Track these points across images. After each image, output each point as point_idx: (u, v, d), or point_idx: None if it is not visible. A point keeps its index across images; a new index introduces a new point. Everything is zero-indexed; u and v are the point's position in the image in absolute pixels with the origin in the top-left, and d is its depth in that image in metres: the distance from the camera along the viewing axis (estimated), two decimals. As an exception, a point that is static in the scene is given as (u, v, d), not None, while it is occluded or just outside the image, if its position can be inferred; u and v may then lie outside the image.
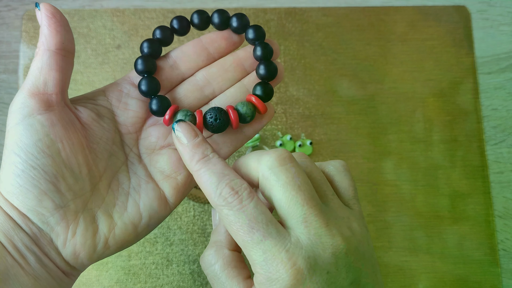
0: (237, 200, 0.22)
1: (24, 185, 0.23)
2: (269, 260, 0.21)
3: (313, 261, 0.21)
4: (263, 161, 0.23)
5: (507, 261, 0.44)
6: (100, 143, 0.26)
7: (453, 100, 0.48)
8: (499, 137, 0.47)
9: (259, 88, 0.27)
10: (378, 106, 0.47)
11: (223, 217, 0.22)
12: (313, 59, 0.48)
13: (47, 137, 0.23)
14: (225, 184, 0.22)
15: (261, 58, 0.27)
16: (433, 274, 0.44)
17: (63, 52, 0.24)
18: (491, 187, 0.46)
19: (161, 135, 0.27)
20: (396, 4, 0.50)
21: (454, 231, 0.45)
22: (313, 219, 0.22)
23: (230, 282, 0.23)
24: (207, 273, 0.24)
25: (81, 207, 0.24)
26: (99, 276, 0.43)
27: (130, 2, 0.49)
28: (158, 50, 0.28)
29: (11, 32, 0.48)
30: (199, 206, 0.44)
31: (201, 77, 0.28)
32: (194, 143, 0.24)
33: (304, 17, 0.49)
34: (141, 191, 0.26)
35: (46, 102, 0.24)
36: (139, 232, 0.26)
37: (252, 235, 0.21)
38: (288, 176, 0.22)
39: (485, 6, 0.50)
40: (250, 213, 0.21)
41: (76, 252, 0.24)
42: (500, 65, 0.49)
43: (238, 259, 0.24)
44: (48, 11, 0.24)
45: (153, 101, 0.26)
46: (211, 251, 0.24)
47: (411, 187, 0.46)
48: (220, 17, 0.28)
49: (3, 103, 0.46)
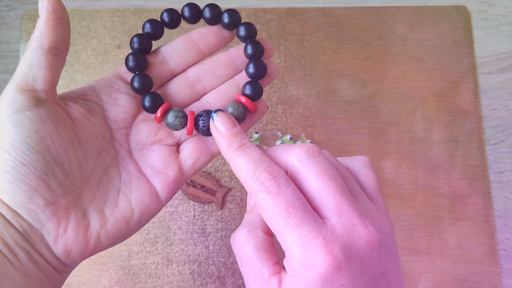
0: (275, 185, 0.22)
1: (14, 182, 0.22)
2: (305, 246, 0.21)
3: (349, 250, 0.21)
4: (293, 153, 0.23)
5: (507, 261, 0.44)
6: (90, 138, 0.26)
7: (453, 100, 0.48)
8: (499, 137, 0.47)
9: (248, 87, 0.27)
10: (378, 106, 0.47)
11: (260, 202, 0.22)
12: (313, 59, 0.48)
13: (37, 134, 0.23)
14: (263, 169, 0.22)
15: (251, 56, 0.27)
16: (433, 274, 0.44)
17: (56, 51, 0.24)
18: (491, 187, 0.46)
19: (152, 131, 0.27)
20: (396, 4, 0.50)
21: (454, 231, 0.45)
22: (346, 208, 0.22)
23: (260, 264, 0.23)
24: (237, 252, 0.24)
25: (72, 203, 0.24)
26: (99, 276, 0.43)
27: (130, 2, 0.49)
28: (148, 45, 0.27)
29: (11, 32, 0.48)
30: (199, 206, 0.44)
31: (192, 74, 0.28)
32: (232, 132, 0.24)
33: (304, 17, 0.49)
34: (132, 186, 0.26)
35: (35, 98, 0.23)
36: (131, 227, 0.26)
37: (289, 220, 0.21)
38: (319, 168, 0.22)
39: (485, 6, 0.50)
40: (288, 198, 0.21)
41: (68, 248, 0.24)
42: (500, 65, 0.49)
43: (270, 243, 0.24)
44: (50, 5, 0.23)
45: (146, 98, 0.26)
46: (244, 231, 0.24)
47: (411, 187, 0.46)
48: (211, 12, 0.27)
49: (3, 103, 0.46)
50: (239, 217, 0.44)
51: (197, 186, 0.44)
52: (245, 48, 0.27)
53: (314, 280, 0.20)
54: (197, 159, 0.27)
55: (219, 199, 0.44)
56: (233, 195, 0.45)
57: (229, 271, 0.43)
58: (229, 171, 0.45)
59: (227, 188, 0.45)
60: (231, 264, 0.43)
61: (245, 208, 0.44)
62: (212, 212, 0.44)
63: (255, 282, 0.23)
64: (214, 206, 0.44)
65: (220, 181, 0.45)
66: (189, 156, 0.27)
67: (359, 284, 0.21)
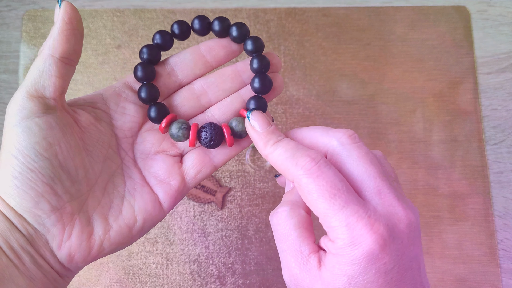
0: (316, 167, 0.22)
1: (22, 187, 0.23)
2: (352, 225, 0.21)
3: (392, 229, 0.21)
4: (334, 137, 0.24)
5: (507, 261, 0.44)
6: (97, 146, 0.26)
7: (453, 100, 0.48)
8: (499, 137, 0.47)
9: (252, 102, 0.27)
10: (378, 106, 0.47)
11: (303, 187, 0.22)
12: (313, 59, 0.48)
13: (45, 140, 0.23)
14: (301, 153, 0.23)
15: (256, 71, 0.27)
16: (433, 274, 0.44)
17: (67, 61, 0.24)
18: (491, 187, 0.46)
19: (156, 141, 0.28)
20: (396, 4, 0.50)
21: (453, 231, 0.45)
22: (387, 191, 0.23)
23: (301, 242, 0.23)
24: (276, 229, 0.24)
25: (77, 209, 0.24)
26: (99, 276, 0.43)
27: (130, 2, 0.49)
28: (157, 56, 0.28)
29: (11, 32, 0.48)
30: (199, 206, 0.44)
31: (198, 86, 0.28)
32: (268, 130, 0.25)
33: (304, 17, 0.49)
34: (136, 194, 0.26)
35: (44, 104, 0.24)
36: (133, 235, 0.26)
37: (334, 201, 0.21)
38: (360, 152, 0.23)
39: (485, 6, 0.50)
40: (331, 179, 0.22)
41: (71, 254, 0.24)
42: (500, 65, 0.49)
43: (310, 222, 0.24)
44: (66, 14, 0.23)
45: (152, 109, 0.27)
46: (285, 208, 0.24)
47: (411, 187, 0.46)
48: (220, 25, 0.28)
49: (3, 103, 0.46)
50: (239, 217, 0.44)
51: (197, 186, 0.44)
52: (251, 62, 0.28)
53: (360, 258, 0.21)
54: (199, 170, 0.28)
55: (219, 199, 0.44)
56: (233, 195, 0.45)
57: (229, 271, 0.43)
58: (229, 171, 0.45)
59: (227, 188, 0.45)
60: (231, 264, 0.43)
61: (245, 208, 0.44)
62: (212, 212, 0.44)
63: (294, 258, 0.23)
64: (214, 206, 0.44)
65: (220, 181, 0.45)
66: (191, 167, 0.28)
67: (399, 264, 0.21)
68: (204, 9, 0.49)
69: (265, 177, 0.45)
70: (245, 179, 0.45)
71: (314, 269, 0.22)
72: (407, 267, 0.22)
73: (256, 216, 0.44)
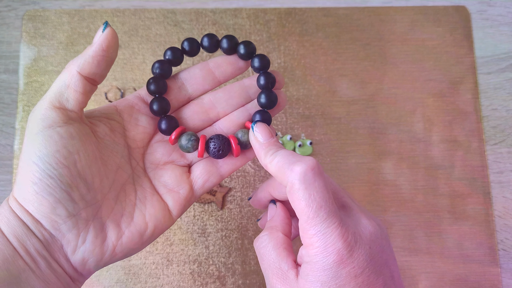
0: (311, 174, 0.24)
1: (40, 193, 0.24)
2: (328, 234, 0.23)
3: (358, 236, 0.24)
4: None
5: (507, 261, 0.44)
6: (111, 156, 0.27)
7: (453, 100, 0.48)
8: (499, 137, 0.47)
9: (258, 115, 0.29)
10: (378, 106, 0.47)
11: (294, 191, 0.24)
12: (313, 59, 0.48)
13: (65, 149, 0.24)
14: (298, 160, 0.25)
15: (263, 87, 0.29)
16: (433, 274, 0.44)
17: (92, 81, 0.26)
18: (491, 187, 0.46)
19: (166, 152, 0.29)
20: (396, 4, 0.50)
21: (453, 231, 0.45)
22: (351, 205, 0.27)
23: (280, 260, 0.26)
24: (258, 252, 0.27)
25: (91, 216, 0.25)
26: (99, 276, 0.43)
27: (130, 2, 0.49)
28: (168, 71, 0.29)
29: (11, 32, 0.48)
30: (199, 206, 0.44)
31: (207, 101, 0.30)
32: (270, 141, 0.27)
33: (304, 17, 0.49)
34: (147, 202, 0.28)
35: (66, 115, 0.25)
36: (144, 241, 0.27)
37: (320, 212, 0.23)
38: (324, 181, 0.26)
39: (485, 6, 0.50)
40: (321, 190, 0.24)
41: (85, 259, 0.25)
42: (500, 65, 0.49)
43: (288, 243, 0.27)
44: (106, 42, 0.25)
45: (163, 121, 0.28)
46: (266, 232, 0.27)
47: (411, 187, 0.46)
48: (228, 43, 0.29)
49: (3, 103, 0.46)
50: (239, 217, 0.44)
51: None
52: (258, 79, 0.29)
53: (332, 263, 0.23)
54: (207, 180, 0.29)
55: (219, 199, 0.44)
56: (233, 195, 0.45)
57: (229, 271, 0.43)
58: (229, 171, 0.45)
59: (227, 188, 0.45)
60: (231, 264, 0.43)
61: (245, 208, 0.44)
62: (212, 212, 0.44)
63: (275, 275, 0.25)
64: (214, 206, 0.44)
65: (220, 181, 0.45)
66: (199, 177, 0.29)
67: (368, 268, 0.23)
68: (204, 9, 0.49)
69: (265, 177, 0.45)
70: (245, 179, 0.45)
71: (293, 281, 0.25)
72: (378, 272, 0.24)
73: (256, 216, 0.44)
